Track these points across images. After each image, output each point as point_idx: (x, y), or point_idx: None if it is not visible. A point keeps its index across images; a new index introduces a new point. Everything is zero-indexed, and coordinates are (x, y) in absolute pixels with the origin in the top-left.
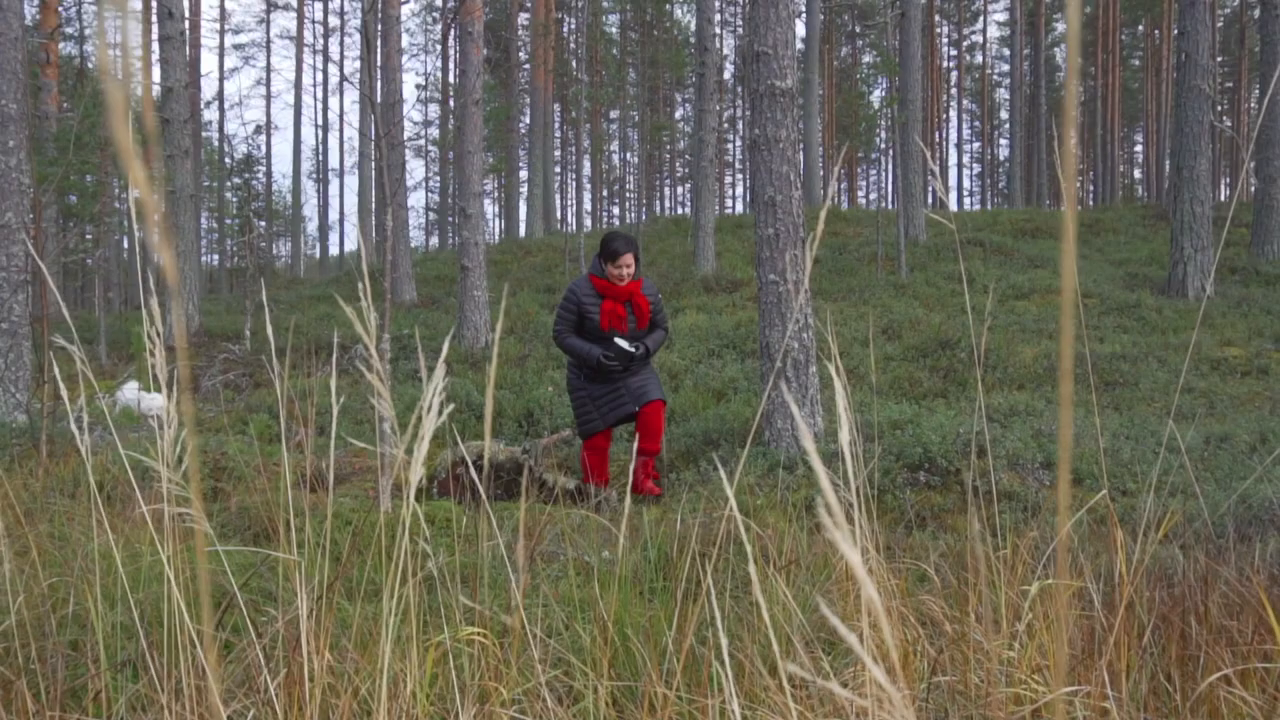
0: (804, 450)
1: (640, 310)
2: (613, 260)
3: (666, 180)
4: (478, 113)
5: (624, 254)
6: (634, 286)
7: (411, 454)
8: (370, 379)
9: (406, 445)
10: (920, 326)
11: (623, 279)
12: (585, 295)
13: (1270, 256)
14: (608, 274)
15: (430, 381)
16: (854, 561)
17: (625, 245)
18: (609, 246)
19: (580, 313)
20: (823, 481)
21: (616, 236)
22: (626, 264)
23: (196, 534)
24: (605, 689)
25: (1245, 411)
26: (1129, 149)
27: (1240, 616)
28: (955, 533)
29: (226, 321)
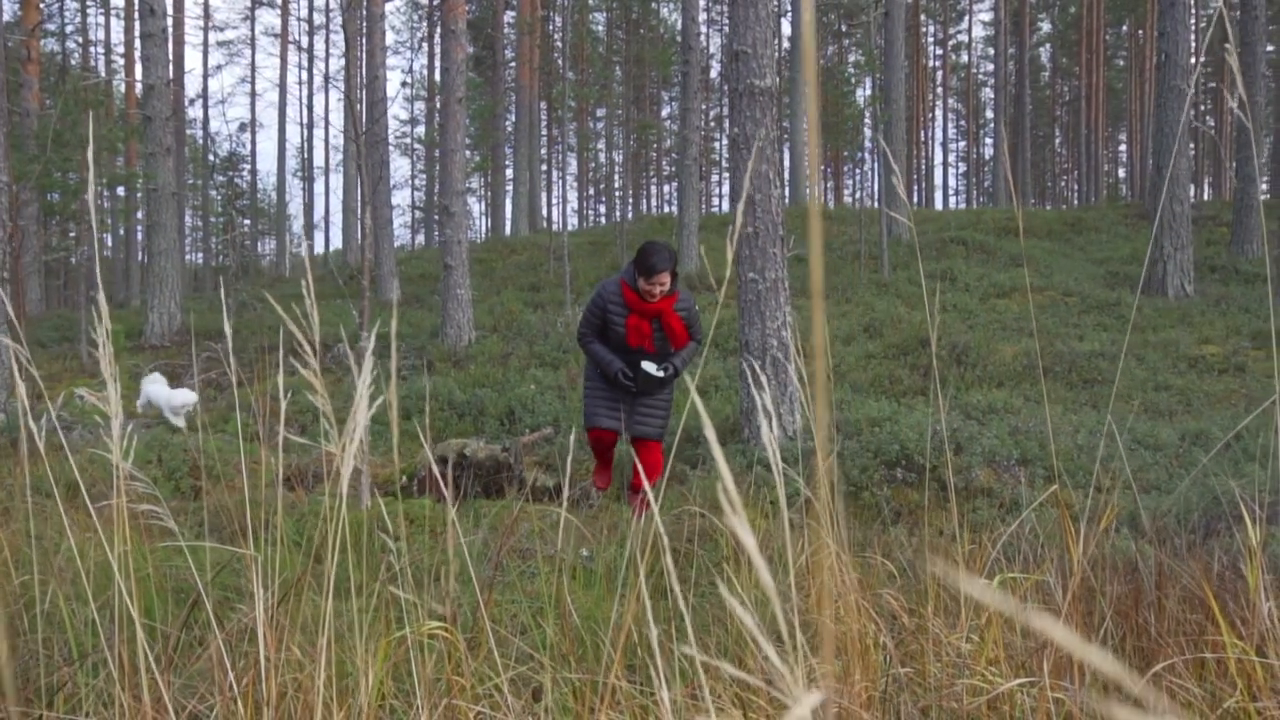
0: (772, 449)
1: (672, 329)
2: (647, 276)
3: (653, 179)
4: (461, 111)
5: (660, 271)
6: (665, 304)
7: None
8: (309, 378)
9: (340, 441)
10: (901, 325)
11: (654, 296)
12: (612, 303)
13: (1249, 255)
14: (639, 288)
15: (361, 374)
16: (749, 544)
17: (663, 262)
18: (646, 260)
19: (604, 319)
20: (721, 464)
21: (656, 250)
22: (661, 282)
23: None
24: (565, 682)
25: (1221, 409)
26: (1113, 148)
27: (1197, 610)
28: (931, 529)
29: (209, 319)
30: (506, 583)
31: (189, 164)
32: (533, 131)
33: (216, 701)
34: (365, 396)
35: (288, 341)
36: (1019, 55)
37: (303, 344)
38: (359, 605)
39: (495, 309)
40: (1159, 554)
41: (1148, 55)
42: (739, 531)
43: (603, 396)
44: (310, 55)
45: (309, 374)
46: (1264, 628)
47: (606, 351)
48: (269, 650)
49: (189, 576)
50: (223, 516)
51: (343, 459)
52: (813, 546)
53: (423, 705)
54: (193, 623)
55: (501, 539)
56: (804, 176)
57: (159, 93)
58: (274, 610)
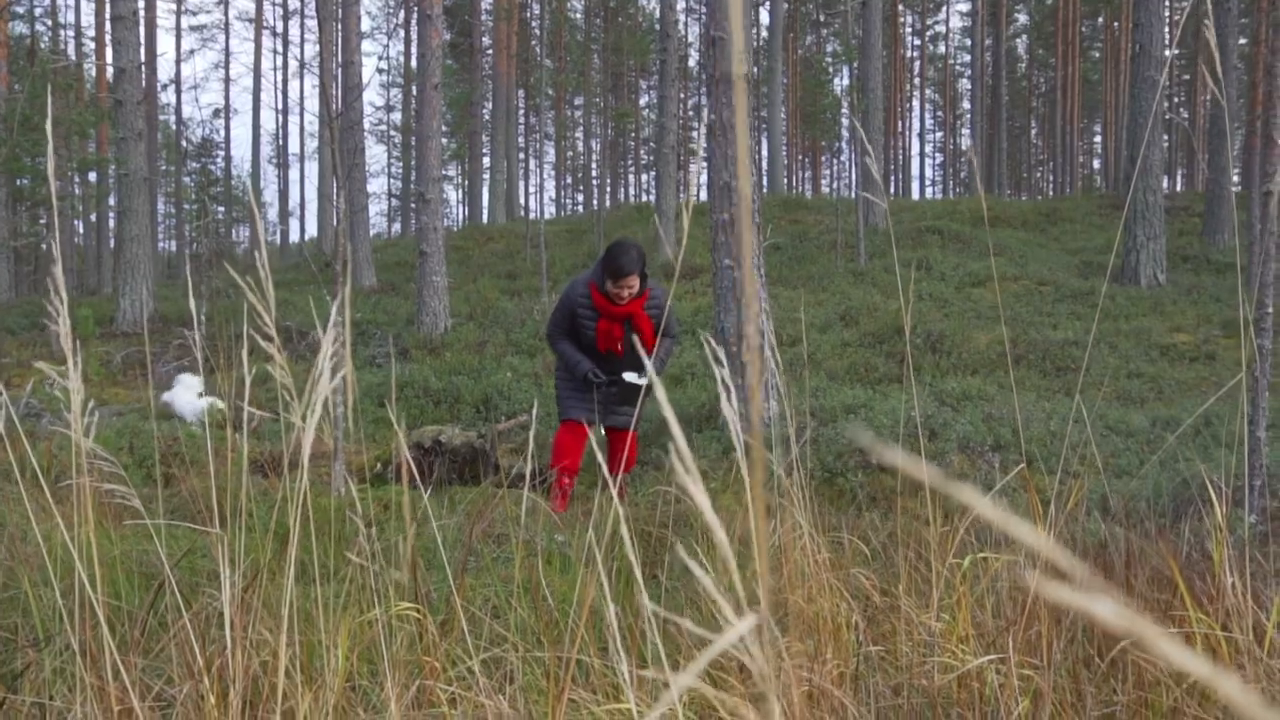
0: (746, 434)
1: (642, 331)
2: (615, 279)
3: (630, 167)
4: (437, 97)
5: (628, 274)
6: (635, 306)
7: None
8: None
9: (300, 412)
10: (877, 313)
11: (623, 299)
12: (581, 306)
13: (1220, 245)
14: (607, 291)
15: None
16: (702, 504)
17: (631, 263)
18: (614, 262)
19: (573, 321)
20: (673, 424)
21: (624, 250)
22: (630, 285)
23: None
24: (537, 663)
25: (1192, 396)
26: (1088, 139)
27: (1165, 589)
28: (905, 514)
29: (183, 307)
30: (480, 567)
31: (161, 150)
32: (510, 119)
33: (183, 684)
34: (327, 370)
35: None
36: (995, 46)
37: (263, 316)
38: (330, 591)
39: (472, 296)
40: (1129, 535)
41: (1123, 47)
42: (691, 490)
43: (575, 388)
44: (285, 41)
45: (270, 347)
46: (1230, 604)
47: (575, 351)
48: (236, 630)
49: (156, 561)
50: (194, 503)
51: (304, 430)
52: (784, 525)
53: (392, 685)
54: (159, 606)
55: (474, 523)
56: (780, 165)
57: (130, 76)
58: (242, 592)
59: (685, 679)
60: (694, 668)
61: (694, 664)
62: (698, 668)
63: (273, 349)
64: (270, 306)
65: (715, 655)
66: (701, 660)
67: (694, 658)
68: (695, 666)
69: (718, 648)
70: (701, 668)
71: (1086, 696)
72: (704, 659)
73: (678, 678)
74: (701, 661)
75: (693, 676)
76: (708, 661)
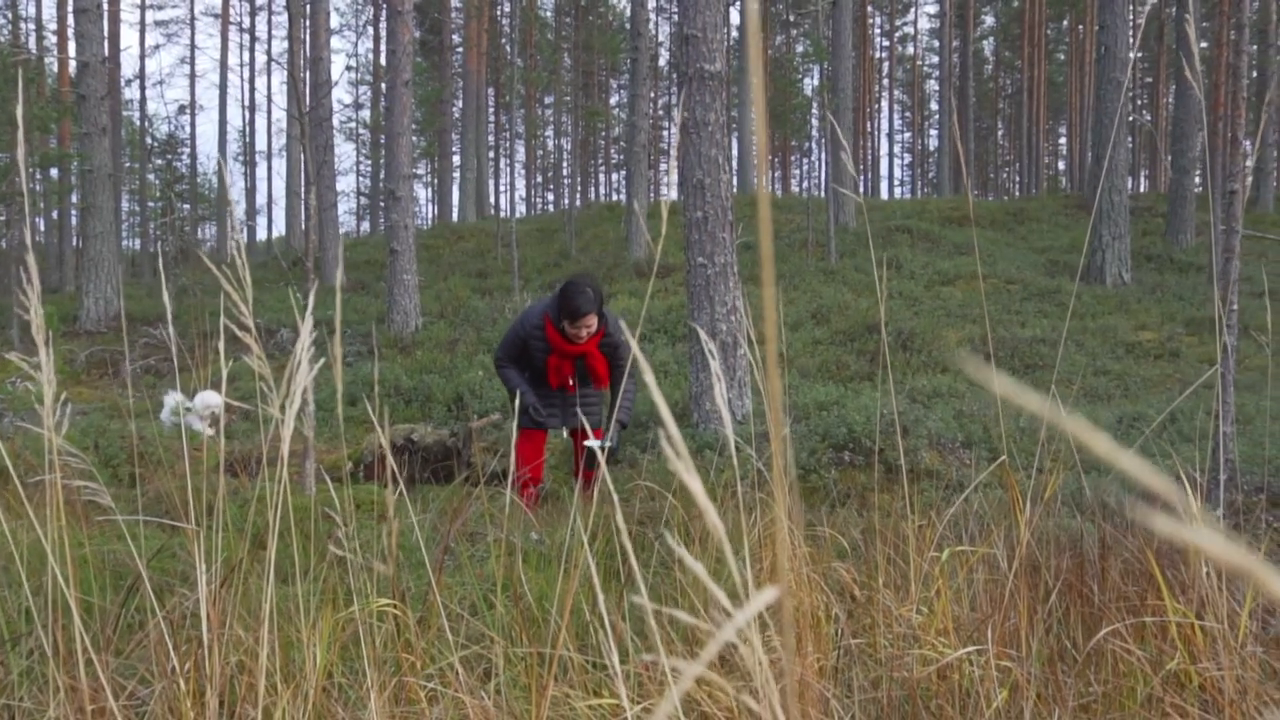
0: (737, 424)
1: (594, 371)
2: (572, 320)
3: (601, 166)
4: (407, 94)
5: (585, 314)
6: (590, 345)
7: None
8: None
9: (279, 404)
10: (848, 311)
11: (581, 339)
12: (534, 339)
13: (1183, 245)
14: (564, 330)
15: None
16: (695, 488)
17: (588, 303)
18: (570, 302)
19: (524, 349)
20: (666, 416)
21: (579, 290)
22: (588, 325)
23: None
24: (517, 659)
25: (1157, 392)
26: (1053, 141)
27: (1138, 580)
28: (879, 510)
29: (148, 305)
30: (456, 565)
31: (125, 146)
32: (480, 117)
33: (158, 684)
34: (306, 359)
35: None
36: (963, 48)
37: (240, 309)
38: (305, 589)
39: (442, 295)
40: (1103, 526)
41: (1087, 50)
42: (684, 477)
43: (537, 395)
44: (252, 36)
45: (247, 337)
46: (1204, 592)
47: (521, 381)
48: (212, 627)
49: (127, 560)
50: (163, 502)
51: (283, 421)
52: (765, 519)
53: (372, 682)
54: (130, 606)
55: (451, 520)
56: (753, 164)
57: (94, 71)
58: (217, 589)
59: (696, 668)
60: (707, 654)
61: (707, 649)
62: (710, 654)
63: (250, 339)
64: (248, 299)
65: (727, 639)
66: (714, 645)
67: (676, 653)
68: (708, 652)
69: (733, 626)
70: (714, 653)
71: (1063, 687)
72: (718, 641)
73: (689, 666)
74: (714, 647)
75: (703, 665)
76: (720, 645)
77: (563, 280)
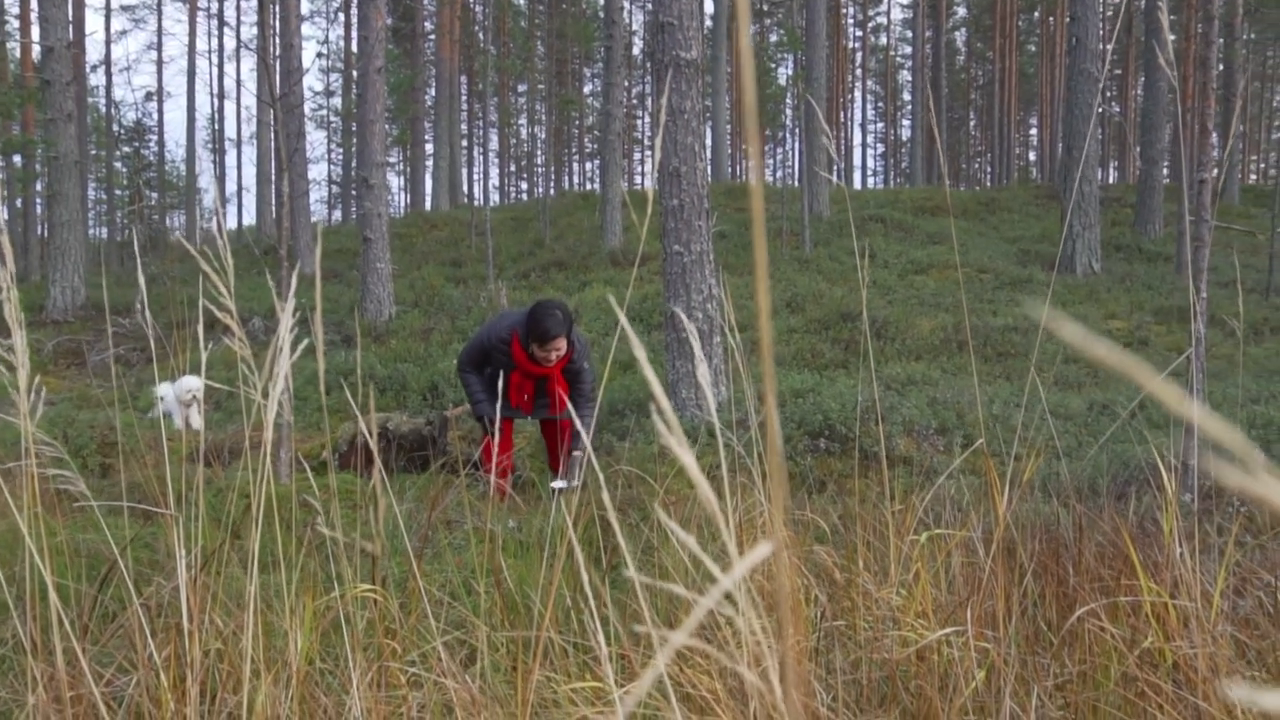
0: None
1: (553, 393)
2: (541, 343)
3: (574, 155)
4: (380, 80)
5: (555, 337)
6: (555, 368)
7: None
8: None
9: (262, 387)
10: (823, 300)
11: (550, 362)
12: (499, 354)
13: (1152, 235)
14: (531, 352)
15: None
16: (689, 463)
17: (557, 326)
18: (539, 326)
19: (487, 358)
20: (658, 392)
21: (548, 313)
22: (557, 348)
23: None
24: (500, 643)
25: (1126, 381)
26: (1025, 131)
27: (1111, 562)
28: (855, 496)
29: (116, 295)
30: (435, 553)
31: (91, 133)
32: (453, 105)
33: (137, 671)
34: (287, 342)
35: (206, 311)
36: (936, 39)
37: (221, 291)
38: (282, 577)
39: (416, 284)
40: (1078, 508)
41: (1058, 41)
42: (678, 452)
43: (490, 390)
44: (221, 22)
45: (227, 318)
46: (1177, 573)
47: (480, 390)
48: (193, 612)
49: (101, 549)
50: (135, 492)
51: (266, 405)
52: (745, 503)
53: (354, 665)
54: (104, 596)
55: (430, 508)
56: (724, 153)
57: (59, 56)
58: (197, 574)
59: (682, 636)
60: (694, 617)
61: (695, 611)
62: (698, 616)
63: (232, 321)
64: (230, 283)
65: (725, 589)
66: (707, 601)
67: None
68: (695, 615)
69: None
70: (701, 615)
71: (1040, 667)
72: (712, 597)
73: (675, 634)
74: (707, 603)
75: (688, 632)
76: (712, 603)
77: (533, 301)
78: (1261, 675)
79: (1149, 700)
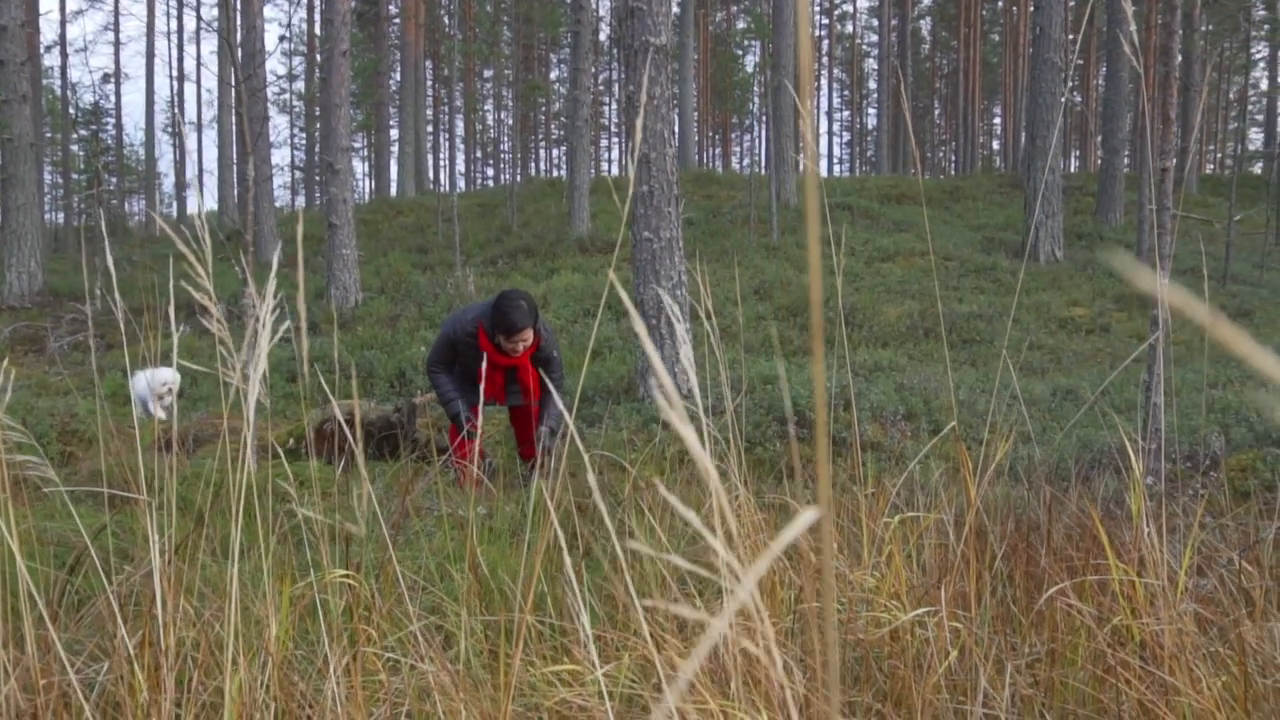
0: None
1: (525, 384)
2: (508, 335)
3: (541, 142)
4: (345, 63)
5: (521, 329)
6: (523, 358)
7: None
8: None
9: (241, 370)
10: (790, 287)
11: (516, 352)
12: (466, 349)
13: (1113, 223)
14: (498, 343)
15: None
16: (689, 438)
17: (524, 318)
18: (506, 317)
19: (454, 354)
20: (658, 365)
21: (513, 305)
22: (524, 339)
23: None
24: (477, 627)
25: (1089, 366)
26: (988, 120)
27: (1079, 543)
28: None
29: (74, 281)
30: (407, 539)
31: (46, 116)
32: (418, 90)
33: (109, 659)
34: (268, 323)
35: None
36: (901, 27)
37: (201, 286)
38: (261, 563)
39: (382, 270)
40: (1046, 490)
41: (1021, 31)
42: (677, 425)
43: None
44: (180, 2)
45: (204, 299)
46: (1144, 552)
47: (452, 390)
48: (169, 602)
49: (70, 537)
50: (98, 480)
51: (248, 387)
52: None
53: (331, 650)
54: (74, 582)
55: (402, 494)
56: (692, 140)
57: (13, 35)
58: (171, 558)
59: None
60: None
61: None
62: (767, 560)
63: (210, 304)
64: (209, 266)
65: (783, 546)
66: (778, 545)
67: (633, 617)
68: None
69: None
70: (768, 561)
71: (1011, 647)
72: (777, 546)
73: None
74: (777, 546)
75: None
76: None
77: (496, 293)
78: (1224, 650)
79: (1117, 675)
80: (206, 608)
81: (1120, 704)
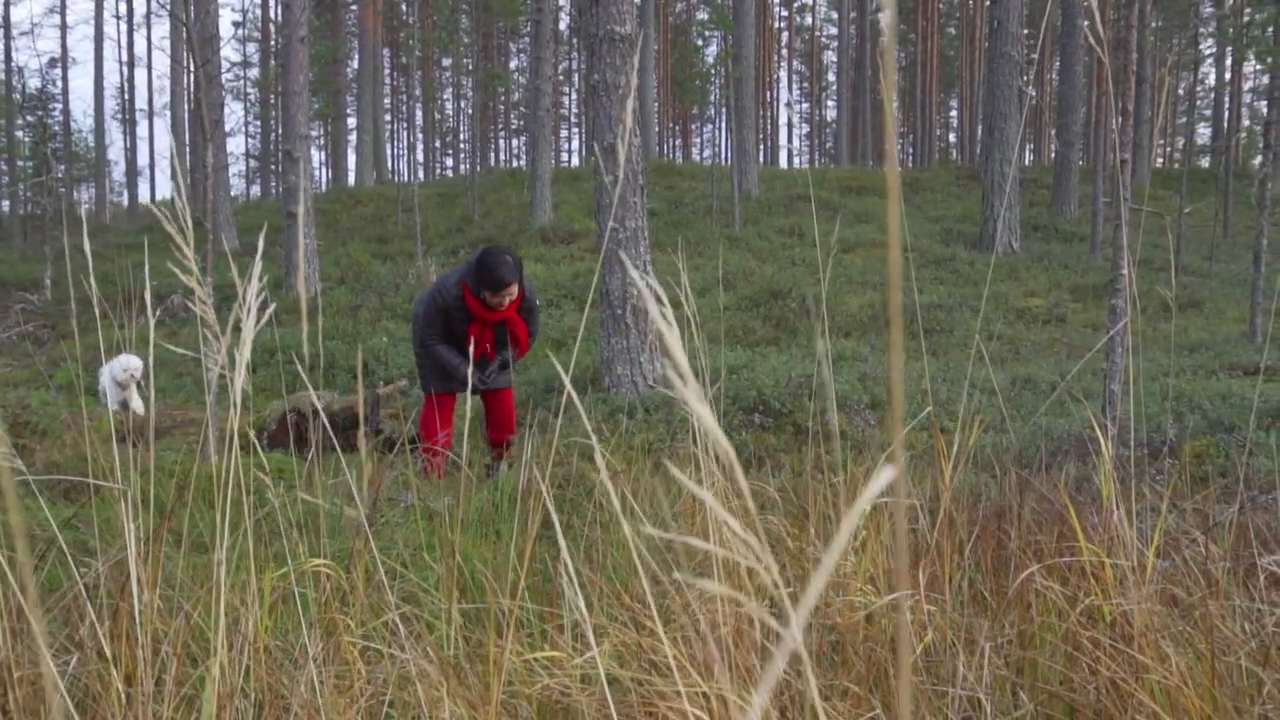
0: (648, 388)
1: (515, 337)
2: (494, 290)
3: (501, 132)
4: (303, 50)
5: (508, 284)
6: (510, 311)
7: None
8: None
9: (226, 353)
10: (753, 278)
11: (502, 306)
12: (454, 309)
13: (1068, 216)
14: (484, 298)
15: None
16: (703, 414)
17: (510, 272)
18: (492, 273)
19: (446, 321)
20: (672, 345)
21: (499, 260)
22: (510, 293)
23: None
24: (459, 613)
25: (1046, 356)
26: (945, 113)
27: (1047, 528)
28: (790, 471)
29: (22, 270)
30: (377, 529)
31: None
32: (376, 79)
33: (79, 651)
34: (254, 305)
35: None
36: (860, 20)
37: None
38: (234, 554)
39: (342, 260)
40: (1018, 474)
41: (978, 24)
42: (693, 403)
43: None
44: None
45: (191, 281)
46: (1114, 534)
47: (453, 355)
48: (148, 595)
49: (37, 529)
50: (54, 472)
51: (235, 369)
52: (695, 477)
53: (309, 639)
54: (40, 575)
55: (373, 483)
56: (653, 130)
57: None
58: (146, 546)
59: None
60: (847, 524)
61: (850, 513)
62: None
63: (196, 285)
64: (191, 252)
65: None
66: (859, 506)
67: (610, 608)
68: (851, 517)
69: (870, 494)
70: (854, 522)
71: (984, 628)
72: (860, 505)
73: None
74: (857, 509)
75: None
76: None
77: (477, 250)
78: (1189, 629)
79: (1088, 654)
80: (185, 599)
81: (1093, 683)
